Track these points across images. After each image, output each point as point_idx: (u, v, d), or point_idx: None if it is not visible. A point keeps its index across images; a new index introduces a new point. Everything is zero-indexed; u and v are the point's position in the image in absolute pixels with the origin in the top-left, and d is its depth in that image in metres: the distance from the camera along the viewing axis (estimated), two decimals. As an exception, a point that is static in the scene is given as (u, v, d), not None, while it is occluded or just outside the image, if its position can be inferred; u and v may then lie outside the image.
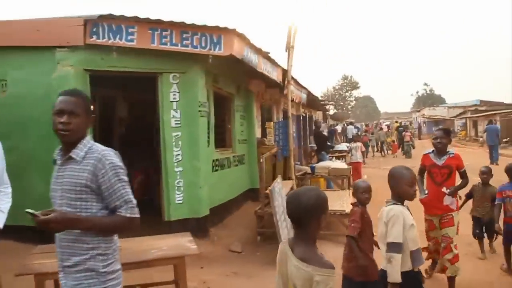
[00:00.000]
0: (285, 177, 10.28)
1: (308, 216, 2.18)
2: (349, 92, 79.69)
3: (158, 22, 6.46)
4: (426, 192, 5.24)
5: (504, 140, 31.67)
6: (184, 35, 6.52)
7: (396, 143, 27.00)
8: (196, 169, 7.03)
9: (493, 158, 19.81)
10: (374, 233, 4.06)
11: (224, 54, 6.57)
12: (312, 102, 20.20)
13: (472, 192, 6.55)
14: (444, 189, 5.03)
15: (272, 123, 10.75)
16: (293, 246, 2.22)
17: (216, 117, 8.80)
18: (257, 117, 11.39)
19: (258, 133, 11.37)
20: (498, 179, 6.57)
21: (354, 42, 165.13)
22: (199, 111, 7.04)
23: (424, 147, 33.80)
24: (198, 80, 7.06)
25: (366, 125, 36.76)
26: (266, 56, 8.39)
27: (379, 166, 20.24)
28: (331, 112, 43.92)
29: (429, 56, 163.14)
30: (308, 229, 2.20)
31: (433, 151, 5.23)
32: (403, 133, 25.65)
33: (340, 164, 11.08)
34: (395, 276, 3.19)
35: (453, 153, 5.13)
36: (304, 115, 19.44)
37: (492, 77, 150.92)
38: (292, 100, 12.24)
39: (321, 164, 10.99)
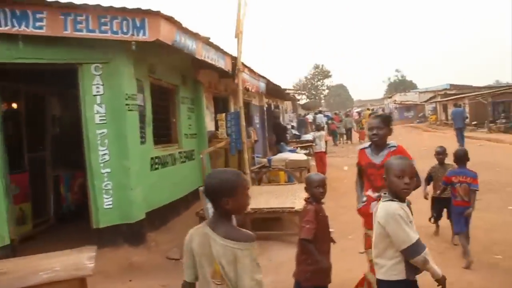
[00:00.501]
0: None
1: (214, 197, 2.23)
2: (321, 81, 79.51)
3: (71, 6, 5.70)
4: (364, 199, 4.07)
5: (473, 123, 31.68)
6: (102, 20, 5.77)
7: (363, 130, 26.52)
8: (126, 169, 6.30)
9: (460, 141, 19.75)
10: (331, 229, 3.92)
11: (150, 40, 5.85)
12: (276, 92, 19.59)
13: (430, 174, 6.50)
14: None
15: (223, 115, 10.05)
16: (213, 227, 2.22)
17: (158, 110, 8.09)
18: (209, 109, 10.71)
19: (211, 126, 10.69)
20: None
21: (324, 30, 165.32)
22: (127, 104, 6.30)
23: (396, 132, 33.71)
24: (124, 70, 6.32)
25: (335, 113, 36.37)
26: (206, 41, 7.67)
27: (348, 154, 19.80)
28: (302, 101, 43.50)
29: (400, 42, 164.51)
30: (220, 209, 2.23)
31: (370, 145, 4.08)
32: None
33: (298, 156, 10.49)
34: (437, 271, 2.78)
35: (394, 146, 3.91)
36: (267, 106, 18.81)
37: (462, 62, 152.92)
38: (248, 90, 11.61)
39: (278, 156, 10.39)
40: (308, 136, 18.34)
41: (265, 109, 17.51)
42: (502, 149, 18.35)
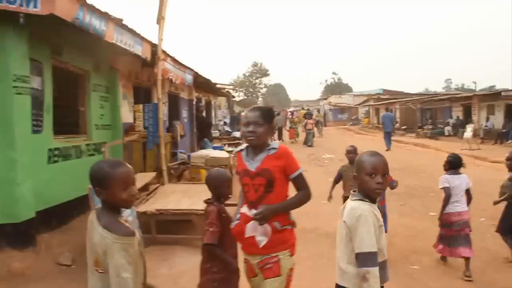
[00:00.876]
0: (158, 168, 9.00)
1: (92, 186, 2.21)
2: (259, 79, 79.55)
3: None
4: (238, 216, 3.13)
5: (403, 127, 32.60)
6: (-16, -15, 4.94)
7: (292, 129, 26.48)
8: (12, 161, 5.46)
9: (387, 145, 20.30)
10: None
11: (43, 13, 5.05)
12: (207, 86, 18.98)
13: (341, 173, 6.23)
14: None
15: (140, 106, 9.32)
16: (99, 215, 2.20)
17: (63, 97, 7.28)
18: (127, 99, 9.93)
19: (129, 117, 9.92)
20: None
21: (265, 30, 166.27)
22: (15, 87, 5.47)
23: (329, 134, 34.05)
24: (12, 47, 5.47)
25: None
26: (119, 23, 6.94)
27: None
28: (239, 98, 43.05)
29: (338, 46, 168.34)
30: (103, 198, 2.20)
31: (247, 147, 3.12)
32: (306, 120, 25.21)
33: (219, 153, 9.92)
34: None
35: (275, 148, 2.95)
36: (197, 99, 18.16)
37: (395, 69, 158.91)
38: (171, 81, 10.94)
39: (198, 152, 9.77)
40: (238, 133, 17.89)
41: (194, 103, 16.85)
42: (427, 154, 18.76)
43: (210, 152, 9.58)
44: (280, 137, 26.38)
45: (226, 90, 26.74)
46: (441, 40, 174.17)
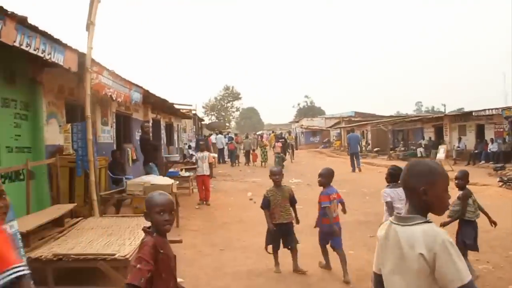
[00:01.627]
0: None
1: None
2: (231, 102, 78.82)
3: None
4: None
5: (375, 149, 31.85)
6: None
7: (255, 152, 25.67)
8: None
9: (354, 165, 19.98)
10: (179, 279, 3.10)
11: None
12: (169, 108, 17.80)
13: (268, 197, 5.90)
14: None
15: (68, 125, 8.00)
16: None
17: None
18: (57, 118, 8.60)
19: (59, 139, 8.58)
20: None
21: (237, 54, 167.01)
22: None
23: (299, 156, 33.08)
24: None
25: (236, 135, 35.24)
26: (24, 23, 5.67)
27: (243, 178, 18.34)
28: (207, 121, 41.84)
29: (310, 70, 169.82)
30: None
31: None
32: (275, 143, 24.17)
33: (161, 179, 8.61)
34: None
35: None
36: (154, 122, 16.89)
37: (366, 93, 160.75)
38: (113, 99, 9.68)
39: (137, 179, 8.44)
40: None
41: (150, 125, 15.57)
42: (399, 176, 17.84)
43: (152, 179, 8.28)
44: (247, 160, 25.37)
45: (192, 112, 25.62)
46: (411, 64, 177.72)
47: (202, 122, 41.07)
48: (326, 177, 5.75)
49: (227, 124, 68.32)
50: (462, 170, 5.91)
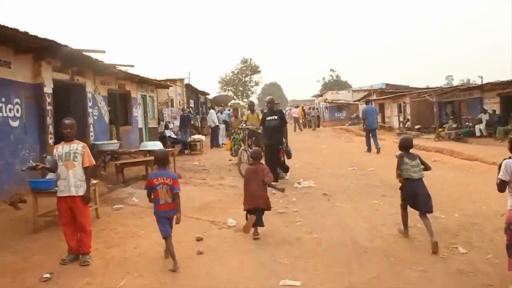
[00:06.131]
0: None
1: None
2: (249, 76, 72.43)
3: None
4: None
5: (416, 127, 25.36)
6: None
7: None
8: None
9: (370, 144, 16.66)
10: None
11: None
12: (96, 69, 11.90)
13: None
14: None
15: None
16: None
17: None
18: None
19: None
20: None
21: (260, 28, 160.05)
22: None
23: (320, 137, 26.93)
24: None
25: (231, 110, 29.38)
26: None
27: (224, 175, 12.35)
28: (211, 96, 35.82)
29: (336, 42, 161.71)
30: None
31: None
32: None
33: None
34: None
35: None
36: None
37: (395, 66, 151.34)
38: None
39: None
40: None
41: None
42: (467, 172, 11.44)
43: None
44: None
45: (174, 80, 19.61)
46: (441, 37, 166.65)
47: (207, 96, 35.17)
48: None
49: (242, 101, 62.14)
50: None
